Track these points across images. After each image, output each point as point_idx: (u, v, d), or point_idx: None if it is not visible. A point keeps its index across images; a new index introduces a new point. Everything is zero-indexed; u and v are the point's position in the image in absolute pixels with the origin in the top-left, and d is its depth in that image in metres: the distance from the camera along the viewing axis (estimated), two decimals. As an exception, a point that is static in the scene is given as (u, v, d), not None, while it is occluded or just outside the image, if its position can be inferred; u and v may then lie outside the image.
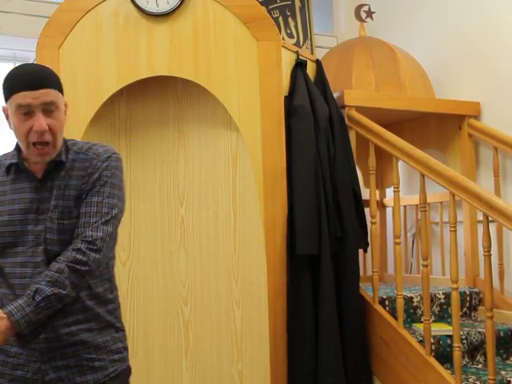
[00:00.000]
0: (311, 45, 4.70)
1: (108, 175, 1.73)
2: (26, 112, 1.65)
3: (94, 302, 1.74)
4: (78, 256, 1.62)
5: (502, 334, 3.05)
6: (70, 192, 1.71)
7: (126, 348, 1.84)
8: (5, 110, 1.74)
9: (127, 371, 1.83)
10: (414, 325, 3.11)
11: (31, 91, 1.64)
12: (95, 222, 1.67)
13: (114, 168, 1.75)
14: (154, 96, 2.98)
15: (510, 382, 2.66)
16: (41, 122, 1.65)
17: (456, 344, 2.56)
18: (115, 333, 1.79)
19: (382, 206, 4.20)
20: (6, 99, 1.70)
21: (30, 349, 1.69)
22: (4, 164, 1.78)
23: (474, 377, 2.73)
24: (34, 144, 1.68)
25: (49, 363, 1.69)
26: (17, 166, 1.75)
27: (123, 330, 1.85)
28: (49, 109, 1.67)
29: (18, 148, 1.76)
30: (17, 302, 1.55)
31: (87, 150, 1.77)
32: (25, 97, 1.64)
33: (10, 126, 1.73)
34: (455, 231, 2.64)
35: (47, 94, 1.66)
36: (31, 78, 1.67)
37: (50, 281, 1.57)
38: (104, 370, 1.73)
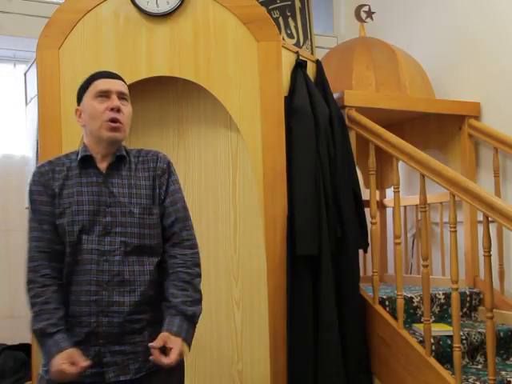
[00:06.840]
0: (311, 45, 4.71)
1: (175, 180, 1.97)
2: (105, 95, 1.88)
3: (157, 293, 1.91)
4: (197, 270, 1.92)
5: (502, 334, 3.05)
6: (142, 191, 1.90)
7: None
8: (77, 111, 1.95)
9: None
10: (414, 325, 3.11)
11: (110, 79, 1.92)
12: (187, 228, 1.98)
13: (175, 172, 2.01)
14: (153, 96, 2.98)
15: (510, 382, 2.66)
16: (117, 101, 1.88)
17: (456, 344, 2.57)
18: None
19: (382, 206, 4.21)
20: (82, 94, 1.93)
21: (90, 333, 1.81)
22: (66, 163, 1.93)
23: (474, 377, 2.73)
24: (108, 121, 1.86)
25: (107, 347, 1.81)
26: (86, 159, 1.90)
27: None
28: (122, 97, 1.91)
29: (85, 145, 1.93)
30: (182, 325, 1.84)
31: (146, 154, 1.98)
32: (104, 83, 1.90)
33: (80, 123, 1.95)
34: (455, 232, 2.64)
35: (123, 85, 1.94)
36: (110, 73, 1.97)
37: (194, 301, 1.87)
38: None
